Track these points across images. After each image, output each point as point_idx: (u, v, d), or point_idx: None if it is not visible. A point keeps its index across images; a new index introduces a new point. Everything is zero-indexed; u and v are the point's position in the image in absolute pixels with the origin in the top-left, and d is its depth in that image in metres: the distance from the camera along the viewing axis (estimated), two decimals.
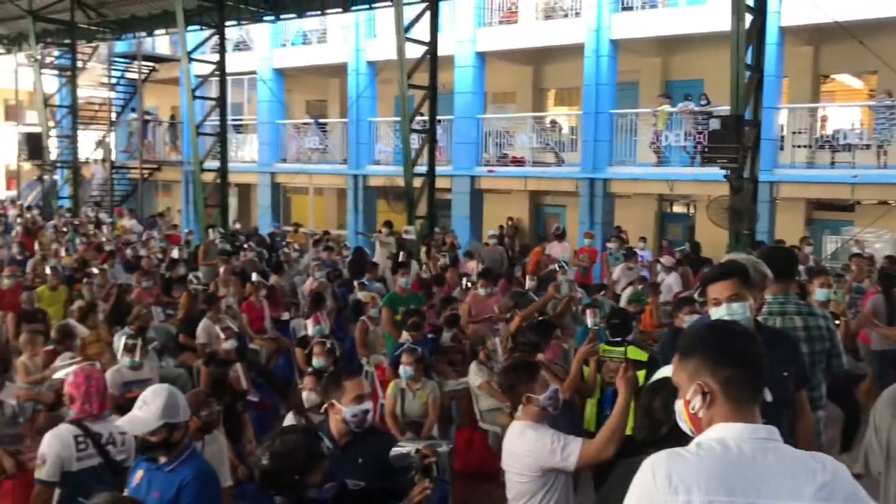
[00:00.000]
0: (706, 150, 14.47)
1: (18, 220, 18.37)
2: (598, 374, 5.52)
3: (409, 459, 3.21)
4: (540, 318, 6.97)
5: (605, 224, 16.15)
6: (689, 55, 16.78)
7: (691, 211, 18.10)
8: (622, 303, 9.96)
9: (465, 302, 9.58)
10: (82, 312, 8.45)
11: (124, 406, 4.90)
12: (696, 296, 7.64)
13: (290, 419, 5.51)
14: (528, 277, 10.52)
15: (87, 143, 23.79)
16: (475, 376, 7.20)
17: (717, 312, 3.48)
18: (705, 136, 14.56)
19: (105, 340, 8.22)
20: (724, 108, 12.03)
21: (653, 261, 12.35)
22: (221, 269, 11.29)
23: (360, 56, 19.74)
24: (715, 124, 11.43)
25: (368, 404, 3.74)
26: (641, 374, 4.82)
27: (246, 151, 23.26)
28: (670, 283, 10.81)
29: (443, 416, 7.02)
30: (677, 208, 18.69)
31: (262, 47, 21.67)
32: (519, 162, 17.78)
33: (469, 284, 10.68)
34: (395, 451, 3.27)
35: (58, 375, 5.59)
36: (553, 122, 18.12)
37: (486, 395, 6.99)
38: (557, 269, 9.53)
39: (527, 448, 3.62)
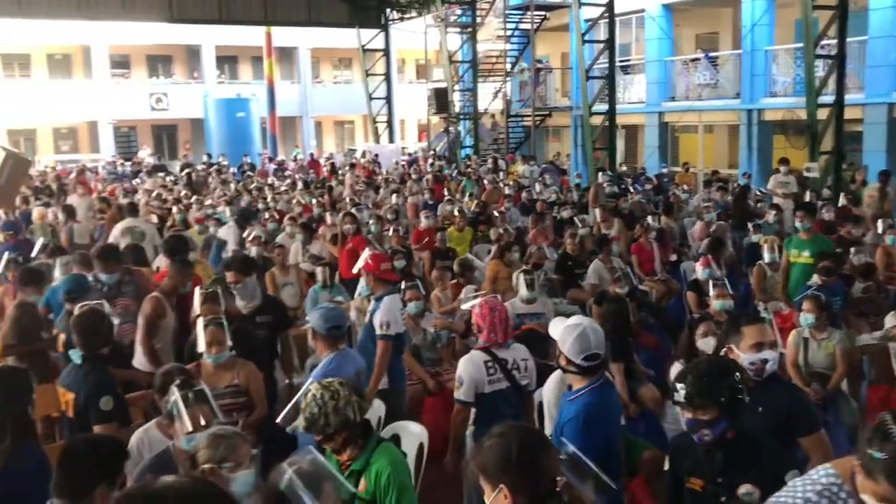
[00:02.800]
0: None
1: (429, 168, 20.43)
2: None
3: None
4: None
5: None
6: None
7: None
8: None
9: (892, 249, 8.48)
10: (500, 250, 9.10)
11: (518, 337, 5.25)
12: None
13: (676, 368, 5.43)
14: None
15: (485, 95, 25.54)
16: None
17: None
18: None
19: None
20: None
21: None
22: (598, 212, 11.44)
23: None
24: None
25: (769, 353, 3.55)
26: None
27: (633, 92, 23.11)
28: None
29: (853, 371, 6.39)
30: None
31: None
32: None
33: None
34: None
35: (465, 307, 6.15)
36: None
37: None
38: None
39: None
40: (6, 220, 11.23)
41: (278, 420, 4.29)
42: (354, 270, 6.51)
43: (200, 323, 4.84)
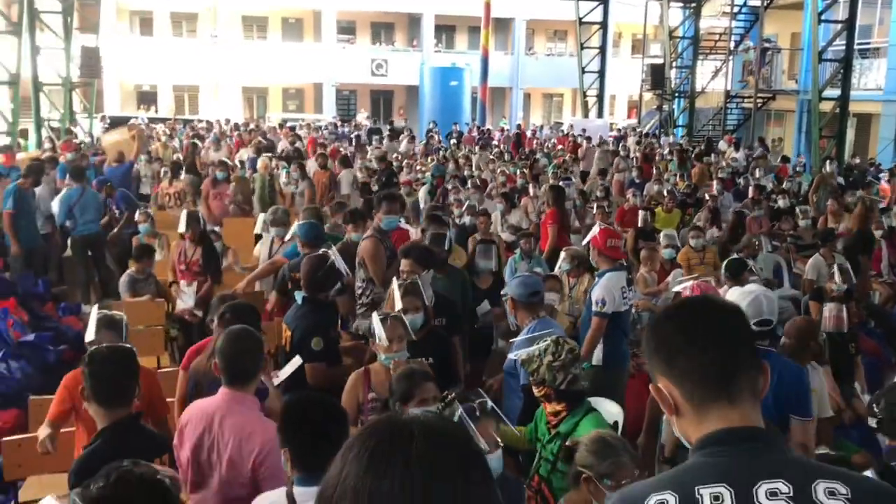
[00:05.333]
0: None
1: (637, 147, 19.90)
2: None
3: None
4: None
5: None
6: None
7: None
8: None
9: None
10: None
11: None
12: None
13: None
14: None
15: (704, 73, 24.47)
16: None
17: None
18: None
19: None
20: None
21: None
22: (828, 204, 10.70)
23: None
24: None
25: None
26: None
27: (870, 78, 21.22)
28: None
29: None
30: None
31: None
32: None
33: None
34: None
35: (675, 289, 5.98)
36: None
37: None
38: None
39: None
40: (99, 178, 11.61)
41: (513, 344, 4.29)
42: (583, 242, 6.25)
43: (376, 317, 4.07)
